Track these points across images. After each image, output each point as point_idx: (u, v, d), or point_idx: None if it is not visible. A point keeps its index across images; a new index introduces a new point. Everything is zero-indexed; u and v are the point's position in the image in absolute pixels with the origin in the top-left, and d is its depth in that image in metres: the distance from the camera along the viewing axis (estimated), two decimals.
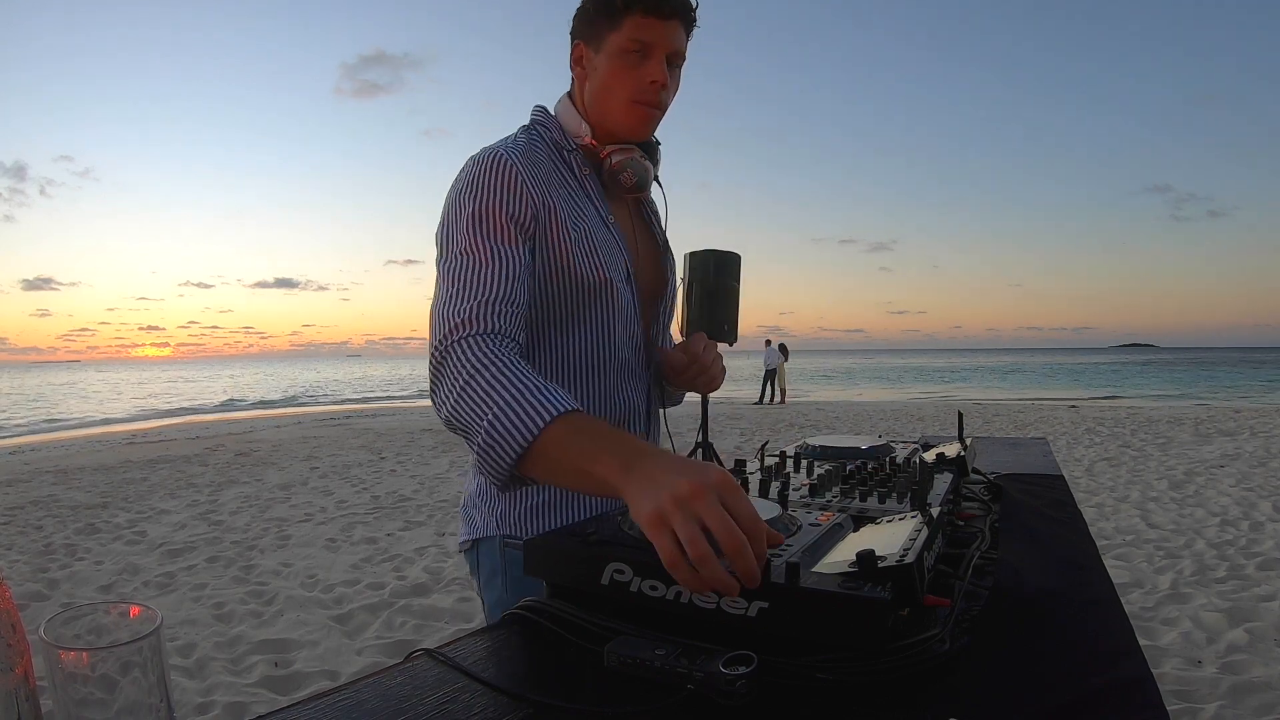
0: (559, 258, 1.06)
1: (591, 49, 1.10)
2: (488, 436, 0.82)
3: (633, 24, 1.05)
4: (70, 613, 0.47)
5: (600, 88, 1.10)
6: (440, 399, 0.91)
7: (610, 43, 1.07)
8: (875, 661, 0.59)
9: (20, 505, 6.00)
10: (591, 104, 1.13)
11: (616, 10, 1.05)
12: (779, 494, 0.95)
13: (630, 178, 1.15)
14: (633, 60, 1.07)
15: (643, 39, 1.06)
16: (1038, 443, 2.00)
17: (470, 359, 0.88)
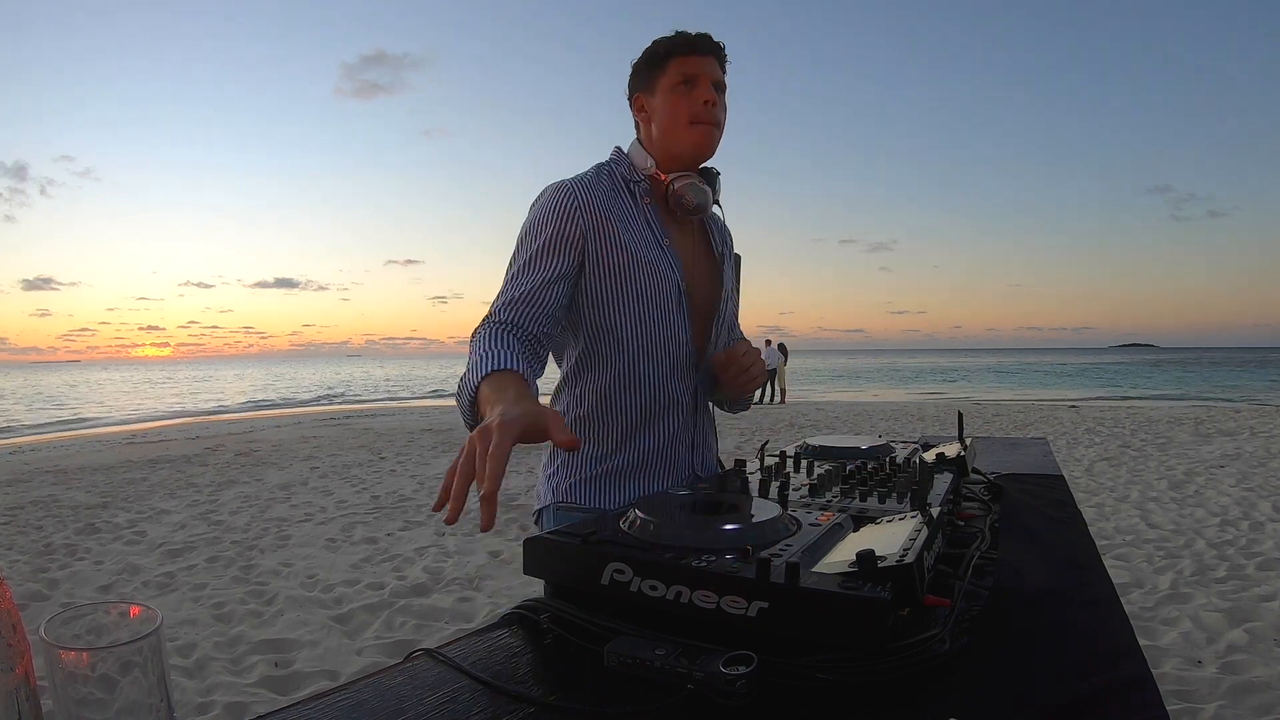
0: (613, 272, 1.24)
1: (647, 95, 1.31)
2: (458, 392, 1.06)
3: (676, 64, 1.27)
4: (70, 613, 0.47)
5: (663, 121, 1.29)
6: None
7: (661, 84, 1.28)
8: (875, 661, 0.59)
9: (20, 505, 6.00)
10: (658, 138, 1.31)
11: (661, 57, 1.28)
12: (779, 494, 0.95)
13: (691, 200, 1.29)
14: (683, 91, 1.26)
15: (687, 73, 1.26)
16: (1038, 443, 2.00)
17: (476, 334, 1.13)
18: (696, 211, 1.32)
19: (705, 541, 0.73)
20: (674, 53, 1.27)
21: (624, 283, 1.24)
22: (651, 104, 1.30)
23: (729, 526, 0.76)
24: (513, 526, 4.99)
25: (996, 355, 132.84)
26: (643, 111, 1.33)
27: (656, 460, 1.31)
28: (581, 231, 1.22)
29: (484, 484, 0.71)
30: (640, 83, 1.32)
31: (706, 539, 0.74)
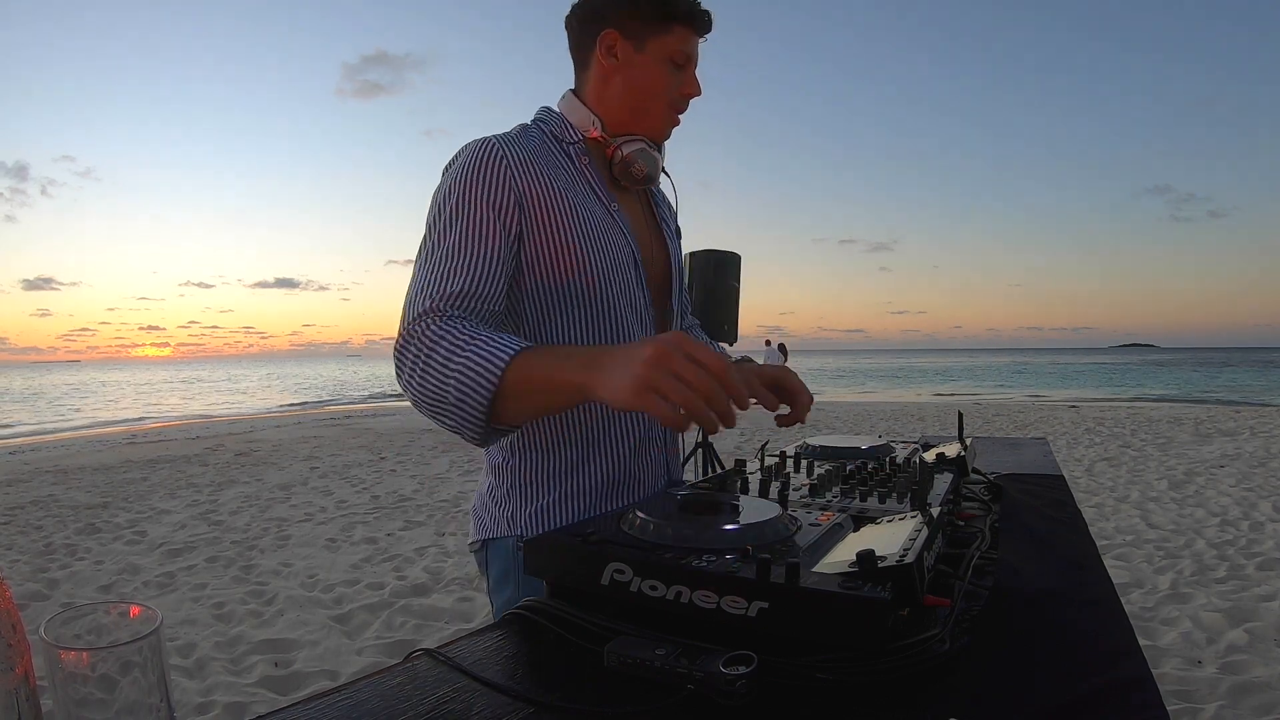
0: (557, 243, 1.05)
1: (629, 41, 1.11)
2: (457, 393, 0.85)
3: (681, 33, 1.11)
4: (70, 613, 0.47)
5: (640, 86, 1.12)
6: (405, 381, 0.92)
7: (655, 44, 1.11)
8: (875, 661, 0.59)
9: (20, 505, 6.00)
10: (618, 97, 1.14)
11: (669, 13, 1.09)
12: (779, 494, 0.95)
13: (643, 168, 1.16)
14: (673, 70, 1.12)
15: (687, 51, 1.13)
16: (1038, 443, 2.00)
17: (428, 336, 0.90)
18: (646, 181, 1.18)
19: (705, 541, 0.73)
20: (685, 19, 1.11)
21: (574, 257, 1.05)
22: (631, 57, 1.11)
23: (729, 526, 0.76)
24: None
25: (997, 355, 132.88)
26: (613, 56, 1.12)
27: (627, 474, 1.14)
28: (517, 198, 1.02)
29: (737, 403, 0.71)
30: (624, 22, 1.10)
31: (707, 539, 0.74)
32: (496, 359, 0.84)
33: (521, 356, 0.84)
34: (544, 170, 1.06)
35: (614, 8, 1.11)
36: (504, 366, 0.83)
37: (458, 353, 0.86)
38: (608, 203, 1.14)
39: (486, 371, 0.84)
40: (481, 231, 0.99)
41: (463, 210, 1.00)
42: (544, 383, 0.83)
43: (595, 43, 1.12)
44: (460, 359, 0.85)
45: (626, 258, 1.12)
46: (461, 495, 6.12)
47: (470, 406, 0.85)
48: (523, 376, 0.84)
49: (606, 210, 1.13)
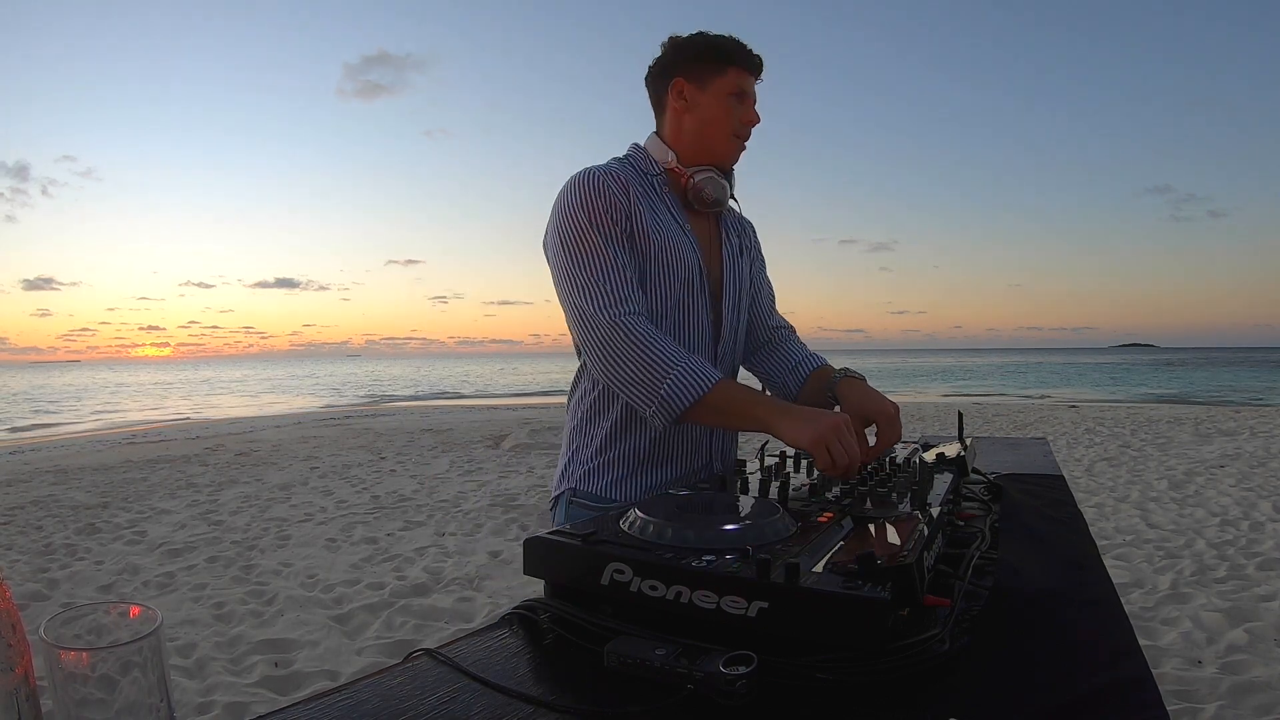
0: (643, 255, 1.26)
1: (694, 85, 1.32)
2: (670, 388, 1.14)
3: (736, 73, 1.30)
4: (70, 613, 0.47)
5: (706, 120, 1.32)
6: (611, 357, 1.18)
7: (716, 85, 1.30)
8: (875, 661, 0.59)
9: (20, 505, 6.00)
10: (691, 133, 1.33)
11: (723, 60, 1.30)
12: (779, 494, 0.95)
13: (710, 193, 1.34)
14: (734, 103, 1.31)
15: (744, 87, 1.31)
16: (1038, 443, 2.00)
17: (643, 332, 1.17)
18: (714, 205, 1.37)
19: (705, 542, 0.73)
20: (739, 62, 1.30)
21: (652, 265, 1.26)
22: (697, 98, 1.31)
23: (729, 527, 0.76)
24: (512, 526, 4.99)
25: (997, 355, 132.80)
26: (681, 100, 1.32)
27: (674, 445, 1.33)
28: (626, 216, 1.24)
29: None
30: (689, 70, 1.32)
31: (707, 539, 0.74)
32: (709, 377, 1.15)
33: (723, 382, 1.16)
34: (636, 195, 1.27)
35: (680, 59, 1.32)
36: (711, 385, 1.14)
37: (677, 359, 1.15)
38: (681, 223, 1.33)
39: (699, 383, 1.14)
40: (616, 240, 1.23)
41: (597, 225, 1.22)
42: (740, 407, 1.15)
43: (668, 90, 1.34)
44: (680, 365, 1.15)
45: (694, 270, 1.31)
46: (461, 495, 6.12)
47: (675, 401, 1.15)
48: (724, 397, 1.15)
49: (680, 229, 1.32)
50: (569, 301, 1.23)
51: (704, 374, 1.15)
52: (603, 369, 1.20)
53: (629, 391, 1.18)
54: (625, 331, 1.17)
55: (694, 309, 1.32)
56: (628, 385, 1.17)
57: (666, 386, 1.14)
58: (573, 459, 1.36)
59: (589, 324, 1.19)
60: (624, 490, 1.31)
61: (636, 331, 1.17)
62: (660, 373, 1.15)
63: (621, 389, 1.19)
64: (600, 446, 1.33)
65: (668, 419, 1.16)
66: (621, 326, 1.17)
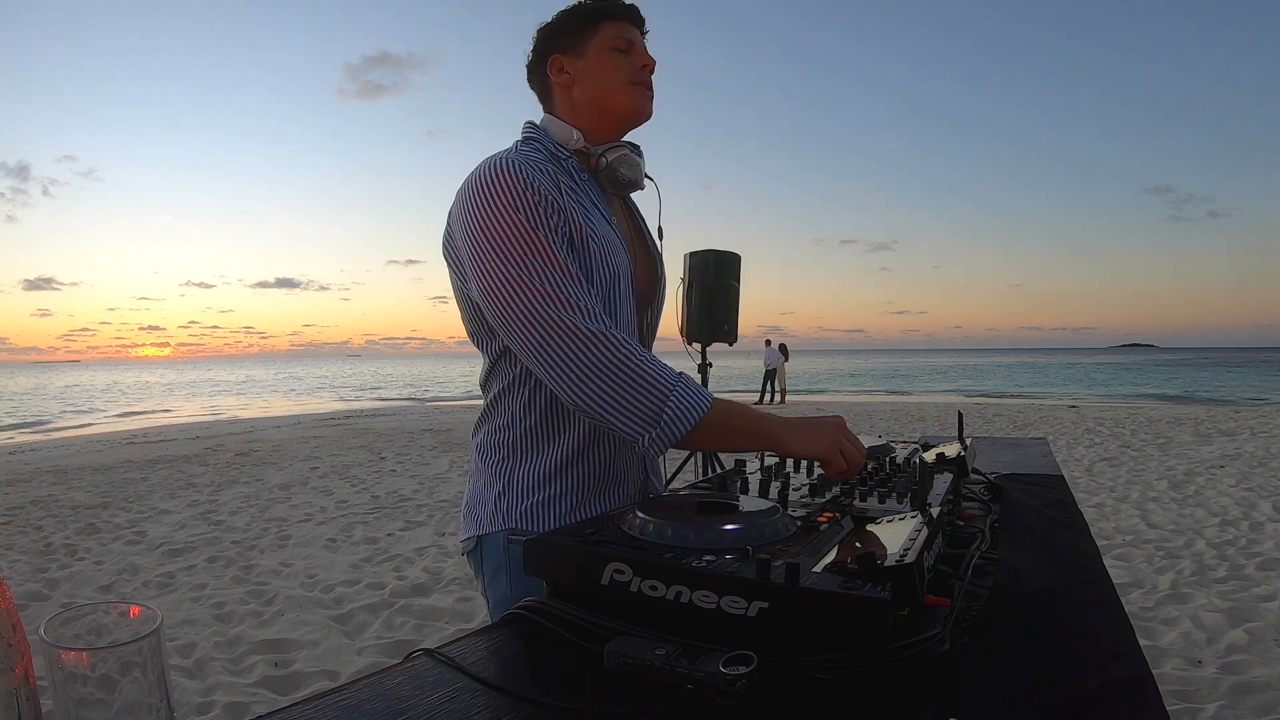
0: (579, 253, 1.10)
1: (571, 57, 1.20)
2: (675, 412, 1.01)
3: (612, 26, 1.19)
4: (70, 613, 0.47)
5: (596, 83, 1.19)
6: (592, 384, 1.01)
7: (593, 45, 1.18)
8: (875, 661, 0.59)
9: (20, 505, 6.00)
10: (585, 102, 1.20)
11: (593, 17, 1.19)
12: (779, 494, 0.95)
13: (626, 172, 1.21)
14: (619, 55, 1.19)
15: (625, 36, 1.19)
16: (1038, 443, 2.00)
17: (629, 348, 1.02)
18: (630, 186, 1.24)
19: (705, 542, 0.73)
20: (609, 15, 1.19)
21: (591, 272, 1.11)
22: (578, 65, 1.19)
23: (729, 527, 0.76)
24: None
25: (997, 355, 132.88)
26: (563, 74, 1.20)
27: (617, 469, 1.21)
28: (561, 213, 1.08)
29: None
30: (560, 43, 1.20)
31: (706, 539, 0.74)
32: (705, 395, 1.04)
33: (719, 402, 1.04)
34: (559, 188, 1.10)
35: (551, 38, 1.21)
36: (709, 404, 1.03)
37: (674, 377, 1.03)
38: (608, 217, 1.19)
39: (699, 403, 1.02)
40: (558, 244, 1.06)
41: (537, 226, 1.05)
42: (741, 425, 1.04)
43: (547, 72, 1.22)
44: (682, 384, 1.03)
45: (624, 270, 1.17)
46: (461, 495, 6.12)
47: (678, 426, 1.01)
48: (722, 417, 1.03)
49: (608, 223, 1.18)
50: (512, 314, 1.02)
51: (701, 392, 1.04)
52: (576, 392, 1.01)
53: (616, 417, 1.01)
54: (609, 348, 1.00)
55: (625, 316, 1.17)
56: (615, 411, 1.01)
57: (669, 410, 1.00)
58: (505, 492, 1.17)
59: (554, 339, 1.01)
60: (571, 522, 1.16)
61: (622, 348, 1.01)
62: (660, 395, 1.00)
63: (604, 414, 1.01)
64: (547, 476, 1.16)
65: (665, 446, 1.03)
66: (602, 342, 1.00)
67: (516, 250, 1.03)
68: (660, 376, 1.02)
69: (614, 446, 1.19)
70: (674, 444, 1.03)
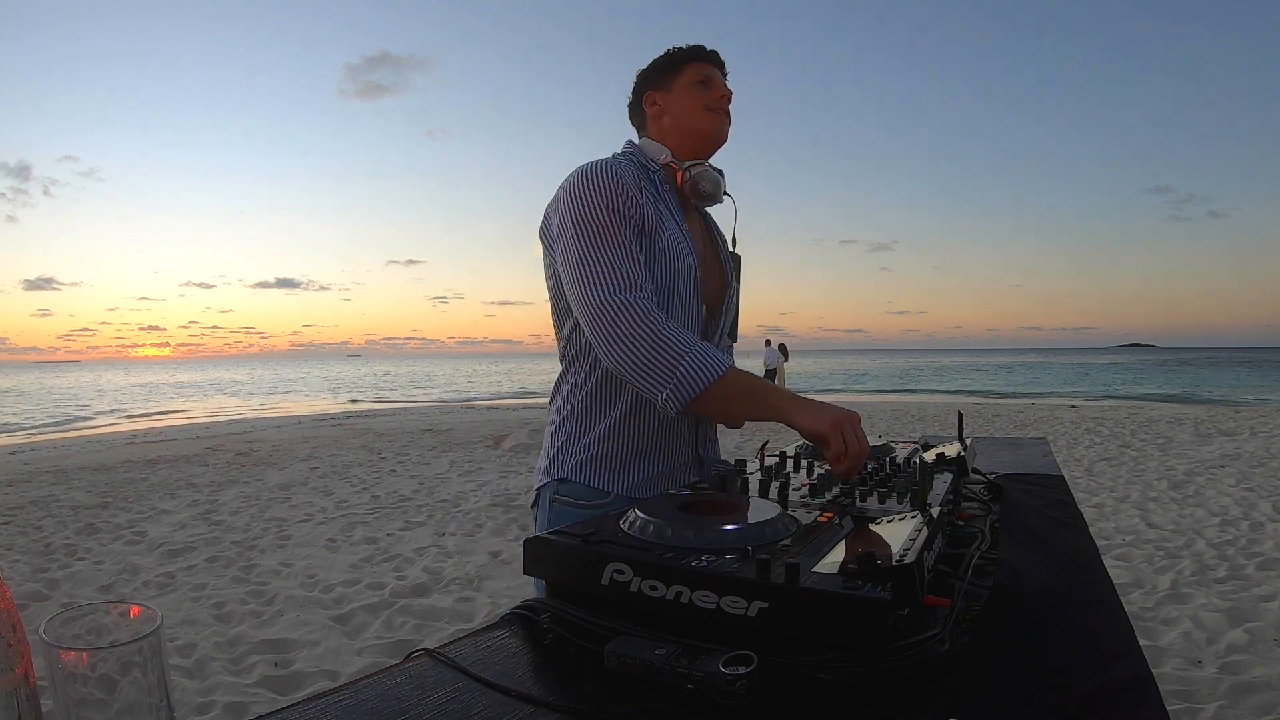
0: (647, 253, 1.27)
1: (661, 92, 1.40)
2: (686, 372, 1.14)
3: (695, 67, 1.39)
4: (70, 613, 0.47)
5: (680, 111, 1.38)
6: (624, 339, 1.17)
7: (678, 82, 1.39)
8: (875, 661, 0.59)
9: (20, 505, 6.00)
10: (672, 127, 1.39)
11: (680, 61, 1.39)
12: (779, 494, 0.95)
13: (706, 186, 1.37)
14: (700, 88, 1.38)
15: (705, 75, 1.39)
16: (1038, 443, 2.00)
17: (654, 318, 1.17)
18: (709, 199, 1.40)
19: (705, 542, 0.73)
20: (694, 58, 1.38)
21: (654, 264, 1.27)
22: (666, 99, 1.39)
23: (729, 527, 0.76)
24: (512, 526, 4.99)
25: (997, 355, 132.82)
26: (655, 106, 1.41)
27: (664, 437, 1.34)
28: (639, 208, 1.26)
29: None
30: (653, 82, 1.41)
31: (706, 539, 0.74)
32: (721, 362, 1.15)
33: (734, 369, 1.16)
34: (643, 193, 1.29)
35: (646, 79, 1.43)
36: (724, 370, 1.14)
37: (691, 343, 1.16)
38: (680, 223, 1.36)
39: (712, 368, 1.14)
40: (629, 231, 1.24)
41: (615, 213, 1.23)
42: (752, 394, 1.15)
43: (643, 106, 1.43)
44: (694, 349, 1.15)
45: (690, 269, 1.33)
46: (461, 495, 6.12)
47: (690, 386, 1.14)
48: (736, 384, 1.15)
49: (679, 228, 1.35)
50: (576, 283, 1.21)
51: (717, 359, 1.15)
52: (612, 353, 1.18)
53: (639, 376, 1.16)
54: (639, 315, 1.17)
55: (687, 310, 1.33)
56: (639, 369, 1.16)
57: (681, 370, 1.13)
58: (564, 448, 1.35)
59: (598, 306, 1.18)
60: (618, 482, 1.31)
61: (650, 315, 1.17)
62: (674, 356, 1.14)
63: (631, 373, 1.17)
64: (599, 436, 1.32)
65: (680, 404, 1.15)
66: (635, 309, 1.17)
67: (593, 230, 1.22)
68: (678, 342, 1.15)
69: (660, 416, 1.32)
70: (688, 402, 1.15)
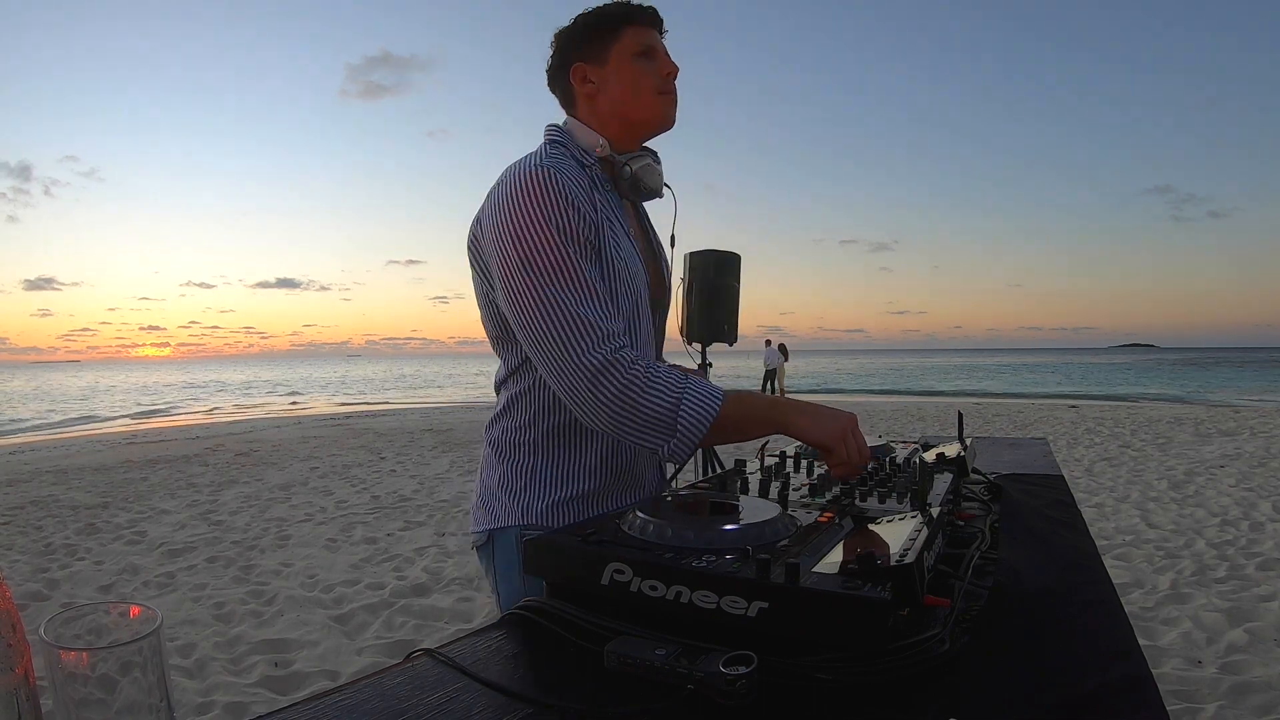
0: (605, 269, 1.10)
1: (594, 65, 1.18)
2: (687, 421, 1.01)
3: (633, 33, 1.17)
4: (70, 613, 0.47)
5: (621, 91, 1.18)
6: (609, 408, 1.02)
7: (615, 52, 1.17)
8: (875, 661, 0.59)
9: (20, 505, 6.00)
10: (610, 111, 1.19)
11: (613, 24, 1.17)
12: (779, 494, 0.95)
13: (649, 182, 1.22)
14: (644, 61, 1.18)
15: (646, 43, 1.18)
16: (1038, 443, 2.00)
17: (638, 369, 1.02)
18: (651, 195, 1.26)
19: (705, 542, 0.73)
20: (630, 19, 1.17)
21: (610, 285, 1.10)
22: (601, 75, 1.18)
23: (729, 527, 0.76)
24: None
25: (997, 355, 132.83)
26: (588, 84, 1.19)
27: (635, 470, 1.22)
28: (594, 228, 1.09)
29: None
30: (582, 51, 1.19)
31: (706, 539, 0.74)
32: (715, 394, 1.04)
33: (729, 395, 1.05)
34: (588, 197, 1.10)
35: (571, 45, 1.20)
36: (721, 401, 1.03)
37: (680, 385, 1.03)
38: (625, 227, 1.19)
39: (710, 403, 1.02)
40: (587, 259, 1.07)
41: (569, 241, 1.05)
42: (754, 413, 1.05)
43: (570, 81, 1.20)
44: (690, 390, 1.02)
45: (640, 281, 1.17)
46: (462, 495, 6.12)
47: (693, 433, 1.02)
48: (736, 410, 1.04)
49: (626, 234, 1.18)
50: (536, 331, 1.03)
51: (711, 392, 1.04)
52: (598, 418, 1.03)
53: (635, 435, 1.02)
54: (621, 371, 1.01)
55: (643, 332, 1.18)
56: (633, 429, 1.02)
57: (683, 420, 1.01)
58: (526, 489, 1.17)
59: (574, 371, 1.02)
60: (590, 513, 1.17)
61: (634, 368, 1.02)
62: (670, 407, 1.01)
63: (624, 434, 1.03)
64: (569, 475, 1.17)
65: (686, 453, 1.03)
66: (616, 367, 1.01)
67: (546, 266, 1.03)
68: (668, 390, 1.02)
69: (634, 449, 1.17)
70: (695, 447, 1.04)
